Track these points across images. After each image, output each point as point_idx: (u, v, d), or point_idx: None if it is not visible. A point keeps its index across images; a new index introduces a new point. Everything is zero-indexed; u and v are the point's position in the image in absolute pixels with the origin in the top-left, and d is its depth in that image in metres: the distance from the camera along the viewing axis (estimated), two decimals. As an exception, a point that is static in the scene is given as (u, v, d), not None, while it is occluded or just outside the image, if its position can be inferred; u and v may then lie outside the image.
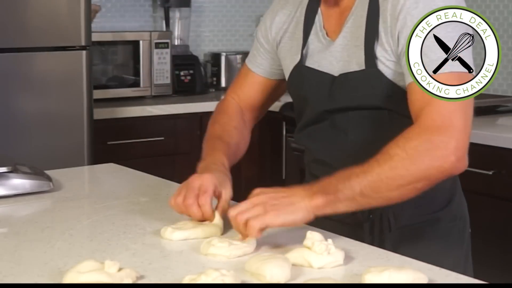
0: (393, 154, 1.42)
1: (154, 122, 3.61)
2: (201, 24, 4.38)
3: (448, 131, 1.43)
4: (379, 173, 1.41)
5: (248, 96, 1.84)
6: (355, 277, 1.28)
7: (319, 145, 1.69)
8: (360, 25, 1.58)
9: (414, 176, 1.42)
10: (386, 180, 1.41)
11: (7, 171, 1.85)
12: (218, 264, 1.33)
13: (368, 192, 1.41)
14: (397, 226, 1.62)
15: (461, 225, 1.71)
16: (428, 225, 1.65)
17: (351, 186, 1.41)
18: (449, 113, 1.44)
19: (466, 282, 1.30)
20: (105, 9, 4.01)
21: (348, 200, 1.41)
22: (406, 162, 1.41)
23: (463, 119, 1.45)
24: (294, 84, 1.72)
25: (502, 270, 2.77)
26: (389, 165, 1.41)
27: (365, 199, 1.42)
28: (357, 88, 1.59)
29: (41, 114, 3.04)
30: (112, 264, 1.23)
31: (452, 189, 1.69)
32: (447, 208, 1.67)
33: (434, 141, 1.42)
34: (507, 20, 3.59)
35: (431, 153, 1.42)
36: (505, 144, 2.76)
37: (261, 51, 1.81)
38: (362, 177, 1.41)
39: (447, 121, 1.43)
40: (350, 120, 1.61)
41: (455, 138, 1.43)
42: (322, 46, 1.66)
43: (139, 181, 2.07)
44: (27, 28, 3.01)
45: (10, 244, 1.49)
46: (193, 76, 4.03)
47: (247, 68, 1.85)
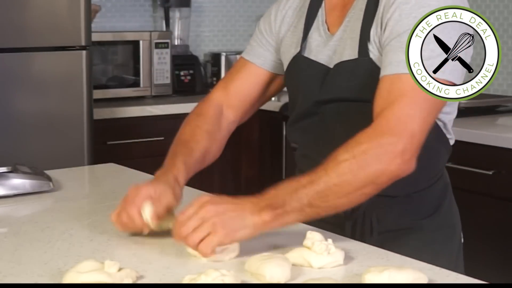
0: (342, 159, 1.40)
1: (154, 122, 3.61)
2: (201, 24, 4.38)
3: (398, 134, 1.42)
4: (327, 182, 1.39)
5: (240, 90, 1.78)
6: (355, 277, 1.28)
7: (307, 140, 1.68)
8: (359, 18, 1.58)
9: (362, 181, 1.41)
10: (334, 188, 1.39)
11: (7, 171, 1.86)
12: (218, 264, 1.33)
13: (317, 202, 1.39)
14: (379, 230, 1.60)
15: (449, 233, 1.67)
16: (411, 232, 1.62)
17: (299, 197, 1.39)
18: (406, 117, 1.43)
19: (466, 282, 1.30)
20: (105, 9, 4.01)
21: (296, 212, 1.39)
22: (354, 168, 1.40)
23: (418, 125, 1.43)
24: (290, 76, 1.71)
25: (503, 270, 2.77)
26: (336, 172, 1.40)
27: (314, 209, 1.40)
28: (348, 78, 1.58)
29: (41, 114, 3.04)
30: (112, 264, 1.24)
31: (441, 197, 1.67)
32: (433, 217, 1.64)
33: (383, 144, 1.41)
34: (507, 20, 3.59)
35: (378, 157, 1.41)
36: (505, 144, 2.76)
37: (263, 42, 1.78)
38: (309, 188, 1.39)
39: (401, 125, 1.43)
40: (339, 113, 1.60)
41: (404, 141, 1.41)
42: (321, 40, 1.65)
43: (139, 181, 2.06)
44: (27, 28, 3.01)
45: (10, 244, 1.49)
46: (193, 76, 4.03)
47: (244, 60, 1.79)
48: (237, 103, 1.78)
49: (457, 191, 1.77)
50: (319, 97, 1.63)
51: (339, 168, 1.40)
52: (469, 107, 3.13)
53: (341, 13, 1.64)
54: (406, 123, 1.43)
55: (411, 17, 1.48)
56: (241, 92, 1.78)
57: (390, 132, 1.42)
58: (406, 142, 1.41)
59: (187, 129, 1.72)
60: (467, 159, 2.83)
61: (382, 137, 1.42)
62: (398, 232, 1.62)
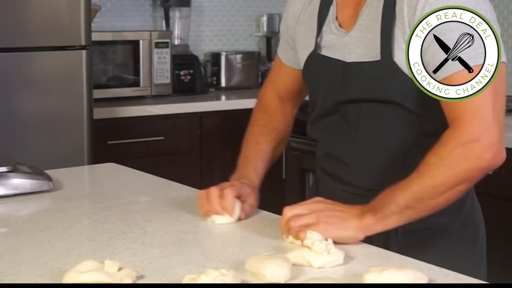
0: (431, 163, 1.46)
1: (154, 122, 3.61)
2: (201, 24, 4.38)
3: (479, 127, 1.45)
4: (420, 184, 1.45)
5: (285, 85, 1.87)
6: (355, 276, 1.28)
7: (329, 139, 1.69)
8: (375, 17, 1.57)
9: (454, 181, 1.46)
10: (428, 190, 1.45)
11: (7, 171, 1.85)
12: (218, 263, 1.34)
13: (413, 203, 1.45)
14: (404, 230, 1.59)
15: (472, 232, 1.68)
16: (437, 232, 1.62)
17: (396, 200, 1.45)
18: (480, 109, 1.45)
19: (466, 282, 1.30)
20: (105, 9, 4.01)
21: (395, 214, 1.45)
22: (444, 169, 1.45)
23: (492, 112, 1.46)
24: (308, 73, 1.72)
25: (502, 270, 2.77)
26: (428, 175, 1.45)
27: (412, 210, 1.46)
28: (370, 79, 1.57)
29: (41, 113, 3.04)
30: (112, 264, 1.23)
31: (464, 196, 1.65)
32: (457, 216, 1.64)
33: (467, 142, 1.45)
34: (507, 20, 3.59)
35: (466, 156, 1.45)
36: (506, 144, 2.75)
37: (283, 42, 1.84)
38: (405, 191, 1.45)
39: (477, 119, 1.45)
40: (362, 113, 1.61)
41: (487, 135, 1.45)
42: (335, 37, 1.65)
43: (139, 180, 2.07)
44: (27, 28, 3.01)
45: (10, 243, 1.49)
46: (193, 75, 4.03)
47: (278, 58, 1.87)
48: (288, 95, 1.88)
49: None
50: (341, 97, 1.63)
51: (430, 171, 1.45)
52: (469, 107, 3.13)
53: (354, 11, 1.63)
54: (480, 115, 1.45)
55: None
56: (287, 87, 1.88)
57: (468, 129, 1.45)
58: (490, 135, 1.45)
59: (255, 129, 1.85)
60: (467, 159, 2.83)
61: (462, 135, 1.45)
62: (423, 232, 1.61)
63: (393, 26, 1.54)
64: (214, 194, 1.59)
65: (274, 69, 1.91)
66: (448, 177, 1.45)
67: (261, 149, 1.79)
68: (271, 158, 1.81)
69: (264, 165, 1.77)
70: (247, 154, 1.78)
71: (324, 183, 1.74)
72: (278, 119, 1.87)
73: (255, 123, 1.86)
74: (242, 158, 1.78)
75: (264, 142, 1.81)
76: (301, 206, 1.47)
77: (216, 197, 1.59)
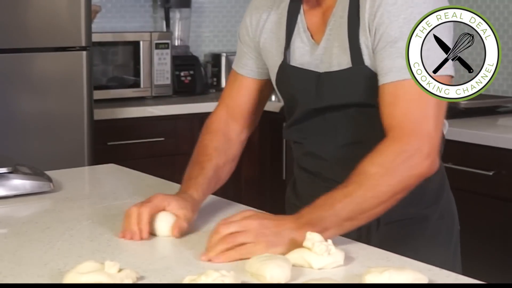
0: (372, 172, 1.45)
1: (155, 123, 3.62)
2: (202, 25, 4.38)
3: (419, 137, 1.47)
4: (362, 195, 1.44)
5: (238, 103, 1.81)
6: (356, 277, 1.28)
7: (309, 138, 1.69)
8: (341, 26, 1.58)
9: (396, 189, 1.46)
10: (371, 200, 1.45)
11: (7, 172, 1.85)
12: (218, 265, 1.33)
13: (355, 215, 1.44)
14: (385, 221, 1.62)
15: (449, 222, 1.72)
16: (417, 222, 1.65)
17: (337, 212, 1.43)
18: (420, 121, 1.47)
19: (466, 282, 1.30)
20: (105, 10, 4.01)
21: (335, 227, 1.43)
22: (386, 178, 1.45)
23: (433, 126, 1.48)
24: (281, 83, 1.71)
25: (502, 271, 2.77)
26: (370, 184, 1.44)
27: (352, 222, 1.45)
28: (344, 86, 1.59)
29: (41, 114, 3.04)
30: (112, 265, 1.24)
31: (440, 186, 1.70)
32: (435, 206, 1.68)
33: (408, 150, 1.46)
34: (507, 20, 3.59)
35: (407, 164, 1.46)
36: (506, 145, 2.76)
37: (245, 51, 1.79)
38: (345, 202, 1.43)
39: (417, 129, 1.47)
40: (339, 117, 1.62)
41: (427, 143, 1.47)
42: (306, 48, 1.65)
43: (140, 181, 2.07)
44: (27, 29, 3.01)
45: (11, 244, 1.49)
46: (193, 76, 4.03)
47: (234, 73, 1.82)
48: (239, 115, 1.81)
49: (457, 192, 1.77)
50: (316, 105, 1.64)
51: (372, 180, 1.44)
52: (469, 107, 3.14)
53: (322, 19, 1.63)
54: (421, 126, 1.47)
55: (400, 18, 1.48)
56: (240, 106, 1.81)
57: (409, 138, 1.47)
58: (430, 143, 1.47)
59: (199, 150, 1.77)
60: (467, 159, 2.83)
61: (403, 144, 1.46)
62: (404, 222, 1.64)
63: (359, 32, 1.55)
64: (132, 214, 1.52)
65: (227, 86, 1.84)
66: (391, 185, 1.45)
67: (203, 167, 1.71)
68: (214, 175, 1.71)
69: (206, 181, 1.68)
70: (189, 172, 1.71)
71: (303, 181, 1.74)
72: (221, 139, 1.79)
73: (199, 143, 1.79)
74: (185, 175, 1.71)
75: (206, 160, 1.73)
76: (236, 224, 1.40)
77: (134, 217, 1.52)
